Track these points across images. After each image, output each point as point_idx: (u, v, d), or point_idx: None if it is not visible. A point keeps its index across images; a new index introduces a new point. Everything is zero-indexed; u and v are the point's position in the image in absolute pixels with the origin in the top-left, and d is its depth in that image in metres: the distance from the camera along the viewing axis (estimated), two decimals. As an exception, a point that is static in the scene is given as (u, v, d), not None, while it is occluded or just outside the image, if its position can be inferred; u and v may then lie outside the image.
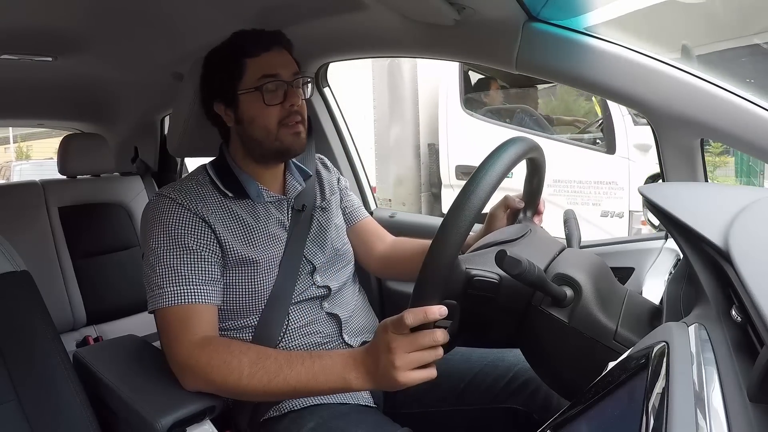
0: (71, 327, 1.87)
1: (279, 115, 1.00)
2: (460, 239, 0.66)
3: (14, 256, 1.02)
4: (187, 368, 0.87)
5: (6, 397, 0.89)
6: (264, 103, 0.98)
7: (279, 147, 1.01)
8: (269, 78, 0.99)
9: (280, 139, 1.01)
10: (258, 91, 0.98)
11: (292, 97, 1.00)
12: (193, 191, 0.99)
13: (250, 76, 1.00)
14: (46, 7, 1.22)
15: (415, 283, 0.69)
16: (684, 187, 0.90)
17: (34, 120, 2.51)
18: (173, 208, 0.96)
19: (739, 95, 0.88)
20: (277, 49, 1.02)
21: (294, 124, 1.01)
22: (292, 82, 1.01)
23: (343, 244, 1.15)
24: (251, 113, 1.00)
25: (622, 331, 0.67)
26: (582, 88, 1.02)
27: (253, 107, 1.00)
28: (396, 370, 0.72)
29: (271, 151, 1.03)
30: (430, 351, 0.72)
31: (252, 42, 1.01)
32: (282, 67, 1.00)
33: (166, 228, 0.94)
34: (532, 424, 0.98)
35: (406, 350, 0.71)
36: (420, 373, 0.73)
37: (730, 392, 0.37)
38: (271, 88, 0.99)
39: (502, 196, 1.03)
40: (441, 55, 1.25)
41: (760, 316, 0.38)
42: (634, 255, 1.17)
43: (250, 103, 1.00)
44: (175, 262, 0.91)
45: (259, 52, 1.00)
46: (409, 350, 0.71)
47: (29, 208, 1.86)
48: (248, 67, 1.00)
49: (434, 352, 0.72)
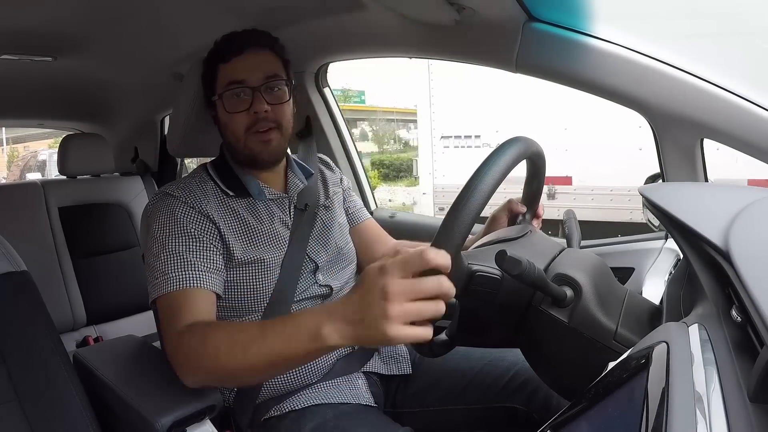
0: (71, 327, 1.87)
1: (246, 123, 0.99)
2: (462, 235, 0.65)
3: (14, 256, 1.02)
4: (177, 357, 0.83)
5: (6, 397, 0.89)
6: (226, 111, 0.99)
7: (248, 154, 1.01)
8: (234, 85, 0.99)
9: (248, 147, 1.00)
10: (220, 99, 1.00)
11: (256, 103, 0.98)
12: (196, 190, 0.99)
13: (220, 83, 1.01)
14: (46, 7, 1.22)
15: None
16: (684, 187, 0.90)
17: (34, 120, 2.51)
18: (177, 204, 0.95)
19: (740, 95, 0.88)
20: (253, 51, 1.00)
21: (265, 131, 0.99)
22: (260, 87, 0.99)
23: (346, 243, 1.15)
24: (223, 120, 1.02)
25: (622, 331, 0.67)
26: (582, 88, 1.02)
27: (222, 114, 1.01)
28: (387, 320, 0.59)
29: (243, 158, 1.03)
30: (430, 303, 0.60)
31: (226, 47, 1.01)
32: (250, 72, 0.99)
33: (172, 217, 0.94)
34: (532, 424, 0.98)
35: (406, 297, 0.59)
36: (414, 330, 0.60)
37: (730, 392, 0.37)
38: (233, 96, 0.99)
39: (505, 200, 1.04)
40: (441, 56, 1.25)
41: (760, 316, 0.38)
42: (634, 255, 1.17)
43: (220, 109, 1.02)
44: (181, 249, 0.91)
45: (230, 57, 1.00)
46: (409, 297, 0.59)
47: (29, 208, 1.86)
48: (219, 74, 1.01)
49: (435, 306, 0.60)
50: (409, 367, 1.10)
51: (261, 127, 0.99)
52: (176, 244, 0.91)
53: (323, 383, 0.99)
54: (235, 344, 0.75)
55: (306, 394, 0.97)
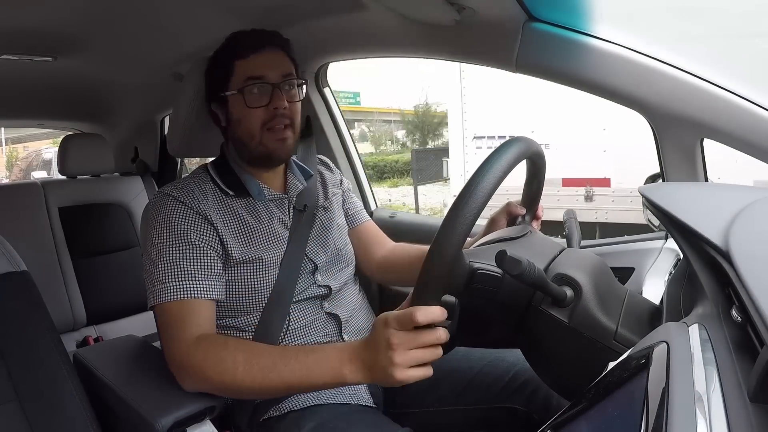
0: (71, 327, 1.87)
1: (263, 118, 0.99)
2: (464, 233, 0.66)
3: (14, 256, 1.02)
4: (183, 367, 0.87)
5: (6, 397, 0.89)
6: (246, 105, 0.99)
7: (263, 151, 1.01)
8: (254, 80, 0.99)
9: (263, 144, 1.00)
10: (240, 93, 0.99)
11: (276, 99, 0.99)
12: (195, 190, 0.99)
13: (237, 78, 1.00)
14: (46, 8, 1.22)
15: (418, 278, 0.69)
16: (684, 187, 0.90)
17: (34, 120, 2.51)
18: (175, 206, 0.96)
19: (740, 95, 0.88)
20: (270, 49, 1.01)
21: (281, 129, 1.00)
22: (280, 84, 1.00)
23: (345, 245, 1.16)
24: (237, 115, 1.01)
25: (622, 331, 0.67)
26: (582, 88, 1.02)
27: (237, 110, 1.01)
28: (394, 366, 0.70)
29: (256, 155, 1.03)
30: (430, 350, 0.71)
31: (243, 43, 1.01)
32: (270, 69, 1.00)
33: (169, 223, 0.94)
34: (532, 424, 0.98)
35: (407, 347, 0.70)
36: (417, 371, 0.71)
37: (730, 392, 0.37)
38: (254, 91, 0.99)
39: (505, 202, 1.03)
40: (441, 56, 1.25)
41: (760, 316, 0.38)
42: (634, 255, 1.17)
43: (235, 105, 1.01)
44: (178, 257, 0.91)
45: (248, 54, 1.00)
46: (410, 347, 0.70)
47: (29, 208, 1.86)
48: (236, 69, 1.00)
49: (434, 351, 0.71)
50: (409, 367, 1.10)
51: (277, 123, 0.99)
52: (174, 253, 0.92)
53: (323, 383, 1.00)
54: (254, 367, 0.81)
55: (305, 395, 0.97)
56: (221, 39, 1.05)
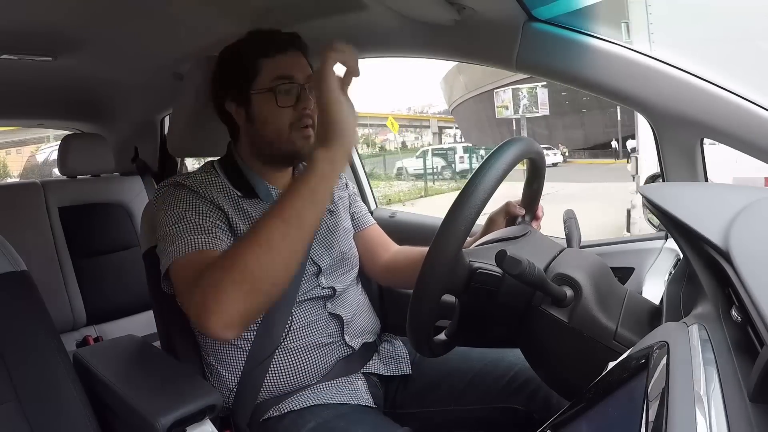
0: (71, 327, 1.87)
1: (291, 118, 0.99)
2: (465, 233, 0.66)
3: (14, 256, 1.02)
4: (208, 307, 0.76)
5: (6, 397, 0.89)
6: (277, 105, 0.98)
7: (290, 149, 1.01)
8: (284, 80, 0.98)
9: (291, 141, 1.00)
10: (271, 92, 0.98)
11: (305, 99, 0.99)
12: (206, 183, 1.00)
13: (264, 77, 0.99)
14: (46, 7, 1.22)
15: (418, 277, 0.69)
16: (684, 187, 0.90)
17: (34, 120, 2.50)
18: (188, 193, 0.96)
19: (740, 95, 0.88)
20: (293, 51, 1.02)
21: (305, 127, 1.00)
22: (306, 85, 1.00)
23: (349, 248, 1.15)
24: (264, 114, 1.00)
25: (622, 331, 0.67)
26: (582, 87, 1.02)
27: (265, 108, 0.99)
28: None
29: (281, 153, 1.02)
30: None
31: (269, 42, 1.01)
32: (297, 70, 1.00)
33: (182, 201, 0.94)
34: (532, 424, 0.97)
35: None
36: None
37: (730, 392, 0.37)
38: (285, 90, 0.99)
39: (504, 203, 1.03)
40: (441, 55, 1.25)
41: (760, 316, 0.38)
42: (634, 255, 1.17)
43: (262, 103, 1.00)
44: (194, 218, 0.91)
45: (275, 53, 1.00)
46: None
47: (29, 208, 1.86)
48: (263, 68, 0.99)
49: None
50: (409, 368, 1.10)
51: (303, 123, 0.99)
52: (191, 215, 0.92)
53: (323, 384, 0.99)
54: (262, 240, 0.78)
55: (305, 395, 0.97)
56: (221, 39, 1.04)
